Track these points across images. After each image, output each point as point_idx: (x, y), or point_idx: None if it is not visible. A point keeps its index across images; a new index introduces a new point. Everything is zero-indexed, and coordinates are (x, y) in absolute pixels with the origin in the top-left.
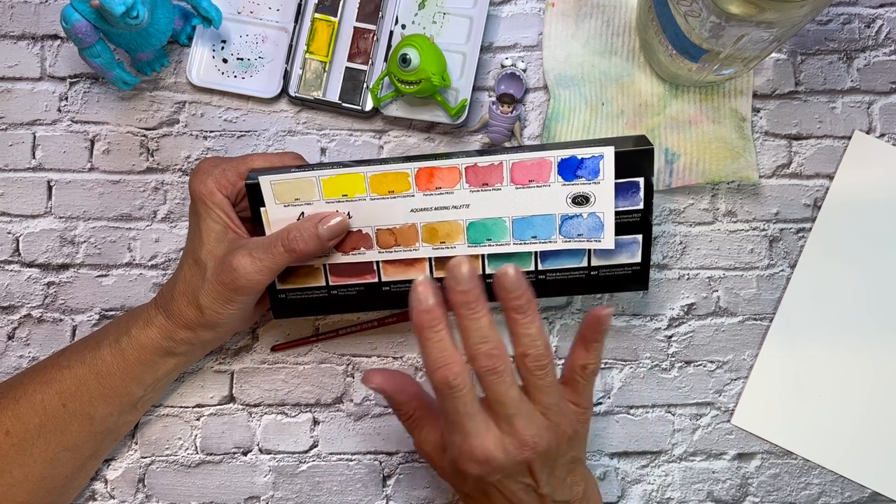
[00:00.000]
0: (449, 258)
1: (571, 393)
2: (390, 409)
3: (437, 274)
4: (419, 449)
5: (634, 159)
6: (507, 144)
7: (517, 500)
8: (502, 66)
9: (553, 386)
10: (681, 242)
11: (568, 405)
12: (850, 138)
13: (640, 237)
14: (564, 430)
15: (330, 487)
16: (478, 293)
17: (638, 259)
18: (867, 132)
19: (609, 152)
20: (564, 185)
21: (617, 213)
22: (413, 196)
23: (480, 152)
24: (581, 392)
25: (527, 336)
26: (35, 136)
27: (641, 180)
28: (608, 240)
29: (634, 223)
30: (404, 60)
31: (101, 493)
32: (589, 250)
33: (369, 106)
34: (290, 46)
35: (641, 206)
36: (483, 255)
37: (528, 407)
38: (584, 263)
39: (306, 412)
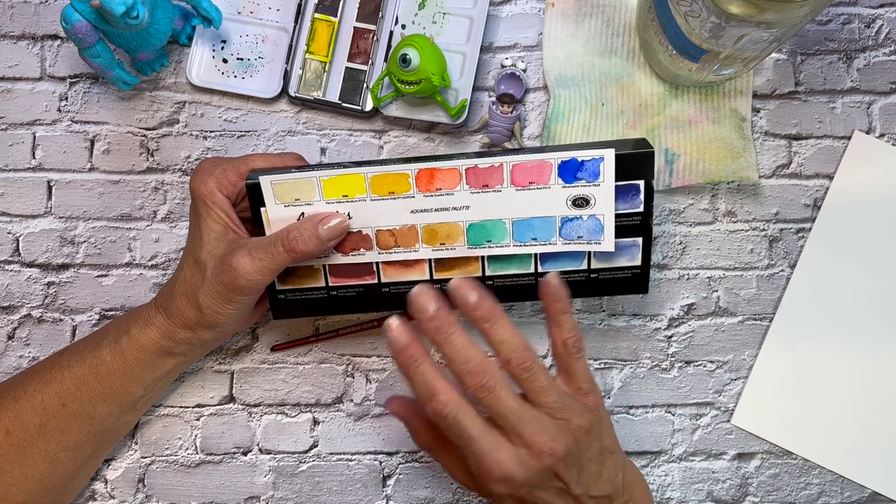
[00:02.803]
0: (448, 260)
1: (568, 380)
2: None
3: (438, 275)
4: (454, 479)
5: (634, 162)
6: (507, 144)
7: None
8: (502, 66)
9: (548, 384)
10: (681, 242)
11: (571, 399)
12: (849, 138)
13: (640, 240)
14: (579, 424)
15: (330, 487)
16: (444, 316)
17: (638, 262)
18: (867, 132)
19: (609, 154)
20: (565, 187)
21: (617, 216)
22: (413, 197)
23: (481, 153)
24: (575, 374)
25: (501, 343)
26: (35, 136)
27: (642, 183)
28: (608, 242)
29: (634, 226)
30: (404, 60)
31: (101, 493)
32: (589, 253)
33: (369, 106)
34: (290, 46)
35: (641, 208)
36: (483, 257)
37: (532, 413)
38: (584, 266)
39: (306, 412)
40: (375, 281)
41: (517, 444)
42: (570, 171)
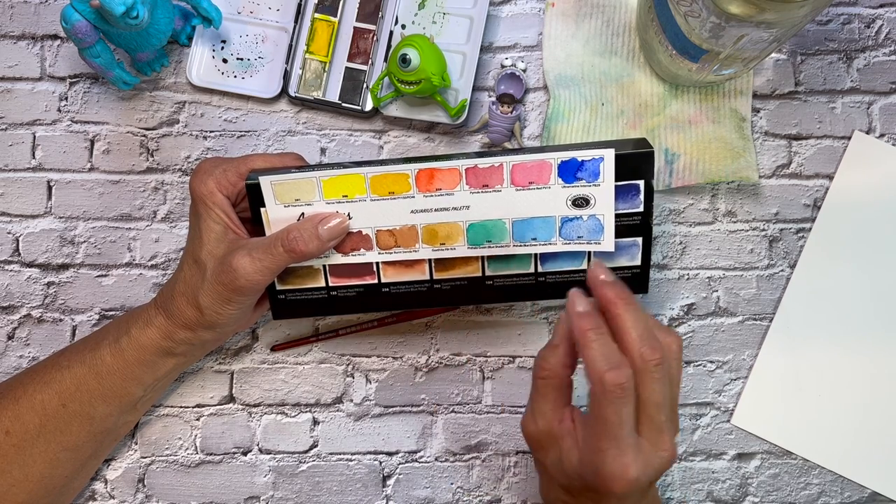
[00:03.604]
0: (448, 260)
1: None
2: (391, 410)
3: (438, 276)
4: (526, 424)
5: (634, 162)
6: (507, 145)
7: None
8: (502, 66)
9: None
10: (681, 242)
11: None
12: (849, 138)
13: (640, 240)
14: (673, 454)
15: (330, 487)
16: (622, 289)
17: (638, 262)
18: (867, 132)
19: (609, 154)
20: (564, 187)
21: (617, 216)
22: (413, 197)
23: (481, 153)
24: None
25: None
26: (35, 136)
27: (642, 183)
28: (608, 242)
29: (634, 226)
30: (404, 60)
31: (101, 493)
32: (589, 252)
33: (369, 106)
34: (290, 46)
35: (642, 208)
36: (483, 257)
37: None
38: (584, 266)
39: (306, 412)
40: (375, 281)
41: (654, 444)
42: (570, 171)
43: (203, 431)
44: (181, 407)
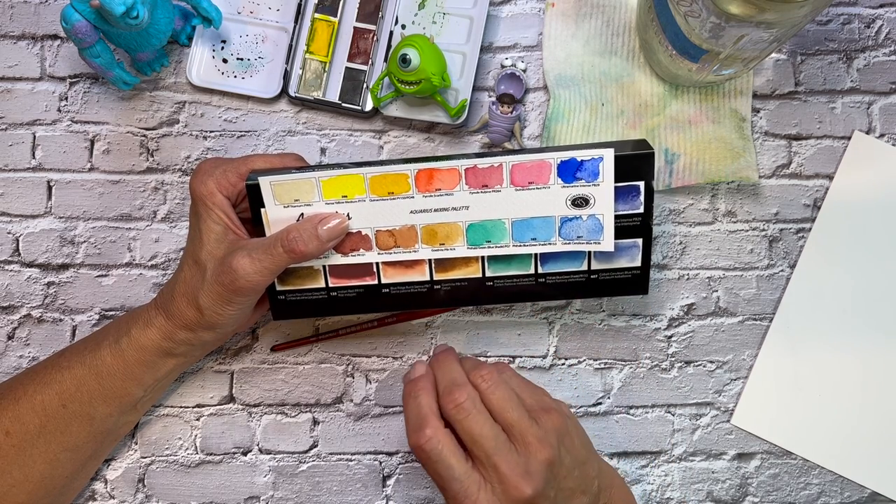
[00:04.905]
0: (449, 260)
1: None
2: (391, 410)
3: (438, 276)
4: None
5: (634, 163)
6: (507, 145)
7: None
8: (502, 66)
9: (512, 395)
10: (681, 242)
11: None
12: (849, 138)
13: (640, 241)
14: (546, 457)
15: (330, 487)
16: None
17: (638, 263)
18: (867, 132)
19: (608, 154)
20: (564, 187)
21: (617, 217)
22: (413, 197)
23: (480, 154)
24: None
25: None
26: (35, 136)
27: (642, 184)
28: (607, 242)
29: (634, 227)
30: (404, 60)
31: (101, 493)
32: (589, 253)
33: (369, 106)
34: (290, 46)
35: (642, 209)
36: (482, 258)
37: (509, 445)
38: (584, 267)
39: (306, 412)
40: (375, 282)
41: (492, 479)
42: (569, 171)
43: (203, 431)
44: (181, 407)
